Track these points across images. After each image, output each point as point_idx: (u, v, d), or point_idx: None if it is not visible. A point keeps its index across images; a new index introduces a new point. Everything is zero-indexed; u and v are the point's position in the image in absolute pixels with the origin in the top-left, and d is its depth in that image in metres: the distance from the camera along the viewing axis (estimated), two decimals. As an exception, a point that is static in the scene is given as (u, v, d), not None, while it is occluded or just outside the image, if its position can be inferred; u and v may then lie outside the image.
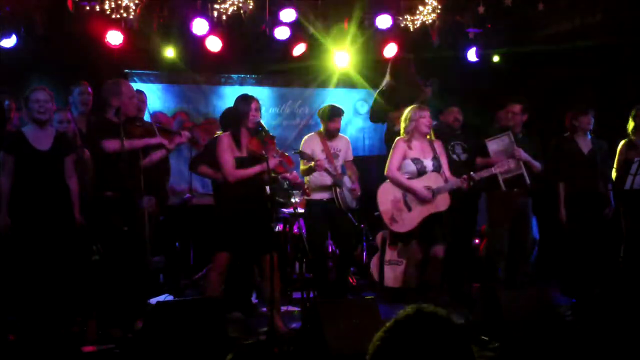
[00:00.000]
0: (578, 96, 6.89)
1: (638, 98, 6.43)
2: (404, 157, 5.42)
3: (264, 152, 4.93)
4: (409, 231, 5.39)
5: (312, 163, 5.73)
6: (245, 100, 5.10)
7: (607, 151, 6.32)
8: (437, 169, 5.42)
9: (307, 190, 5.95)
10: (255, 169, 4.99)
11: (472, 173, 5.44)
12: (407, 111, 5.51)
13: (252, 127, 5.04)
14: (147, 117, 5.96)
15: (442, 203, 5.38)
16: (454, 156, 6.09)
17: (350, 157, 6.18)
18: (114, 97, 5.06)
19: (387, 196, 5.42)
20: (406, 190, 5.37)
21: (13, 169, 4.86)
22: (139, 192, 5.06)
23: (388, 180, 5.45)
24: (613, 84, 7.10)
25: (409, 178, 5.41)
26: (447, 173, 5.45)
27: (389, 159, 5.46)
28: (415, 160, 5.39)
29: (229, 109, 5.94)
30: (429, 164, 5.40)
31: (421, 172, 5.37)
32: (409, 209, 5.34)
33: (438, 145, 5.54)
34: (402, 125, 5.51)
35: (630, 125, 6.27)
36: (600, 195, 6.24)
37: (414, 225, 5.36)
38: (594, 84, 7.20)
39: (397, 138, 5.53)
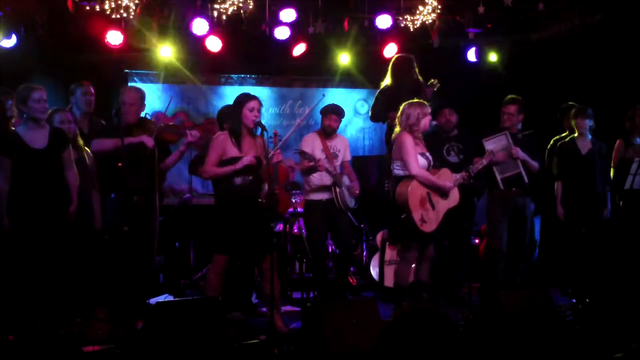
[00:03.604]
0: (577, 96, 6.88)
1: (638, 98, 6.43)
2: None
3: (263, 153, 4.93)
4: (434, 230, 5.19)
5: (313, 162, 5.73)
6: (246, 98, 5.04)
7: (606, 153, 6.32)
8: (436, 164, 5.42)
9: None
10: (226, 168, 4.95)
11: (469, 166, 5.41)
12: (409, 107, 5.22)
13: (252, 127, 5.02)
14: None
15: (455, 197, 5.34)
16: (450, 158, 6.03)
17: (348, 158, 6.16)
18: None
19: (416, 195, 5.13)
20: (435, 187, 5.18)
21: (10, 171, 4.84)
22: (152, 193, 5.13)
23: (413, 180, 5.11)
24: (613, 84, 7.09)
25: None
26: None
27: (407, 158, 5.11)
28: (424, 155, 5.30)
29: (227, 106, 5.94)
30: (431, 157, 5.37)
31: (429, 166, 5.31)
32: (433, 207, 5.18)
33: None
34: (407, 120, 5.19)
35: (627, 124, 6.29)
36: (598, 195, 6.23)
37: (438, 223, 5.20)
38: (594, 84, 7.19)
39: (402, 134, 5.21)
